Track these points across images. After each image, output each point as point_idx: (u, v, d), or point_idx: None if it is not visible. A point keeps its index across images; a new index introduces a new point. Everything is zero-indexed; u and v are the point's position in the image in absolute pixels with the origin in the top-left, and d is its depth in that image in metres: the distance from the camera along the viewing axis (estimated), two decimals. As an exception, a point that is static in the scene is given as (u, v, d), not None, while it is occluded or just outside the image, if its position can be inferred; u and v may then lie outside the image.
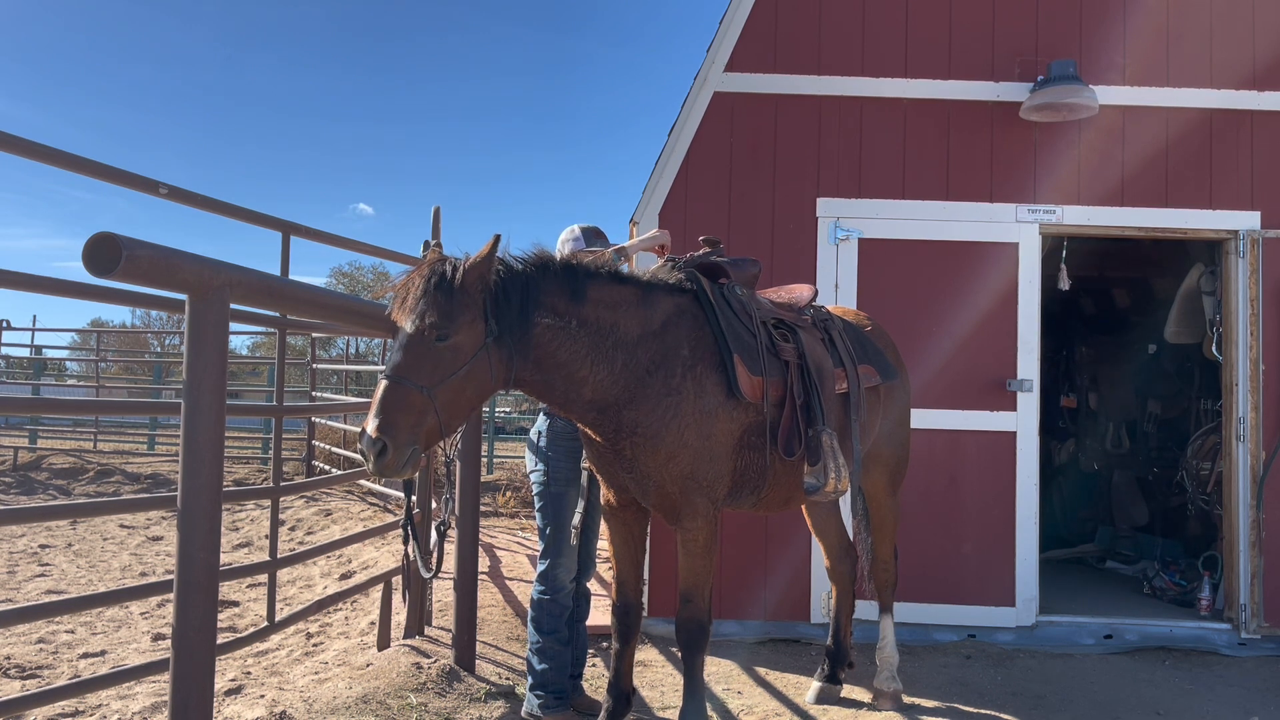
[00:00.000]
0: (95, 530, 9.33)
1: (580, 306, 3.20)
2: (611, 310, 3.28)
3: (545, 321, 3.11)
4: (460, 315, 2.91)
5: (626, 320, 3.29)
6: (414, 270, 3.01)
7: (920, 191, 5.74)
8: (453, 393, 2.91)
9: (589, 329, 3.20)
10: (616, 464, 3.38)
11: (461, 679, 4.31)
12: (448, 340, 2.89)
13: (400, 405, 2.81)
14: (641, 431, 3.25)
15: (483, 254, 2.97)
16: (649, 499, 3.42)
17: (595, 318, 3.22)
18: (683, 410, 3.27)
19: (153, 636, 5.83)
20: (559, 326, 3.14)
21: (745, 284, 3.74)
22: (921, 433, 5.40)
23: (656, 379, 3.27)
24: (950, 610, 5.57)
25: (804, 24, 5.79)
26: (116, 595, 3.67)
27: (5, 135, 3.08)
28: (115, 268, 2.18)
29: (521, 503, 10.84)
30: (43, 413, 13.58)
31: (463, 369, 2.91)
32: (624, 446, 3.30)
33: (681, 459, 3.28)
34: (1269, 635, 5.55)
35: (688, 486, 3.31)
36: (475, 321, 2.95)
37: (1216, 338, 5.85)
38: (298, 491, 9.36)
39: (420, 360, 2.86)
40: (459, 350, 2.91)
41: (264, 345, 23.49)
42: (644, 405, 3.24)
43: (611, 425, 3.28)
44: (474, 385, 2.99)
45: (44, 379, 17.56)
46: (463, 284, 2.93)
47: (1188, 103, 5.74)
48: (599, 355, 3.20)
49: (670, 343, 3.33)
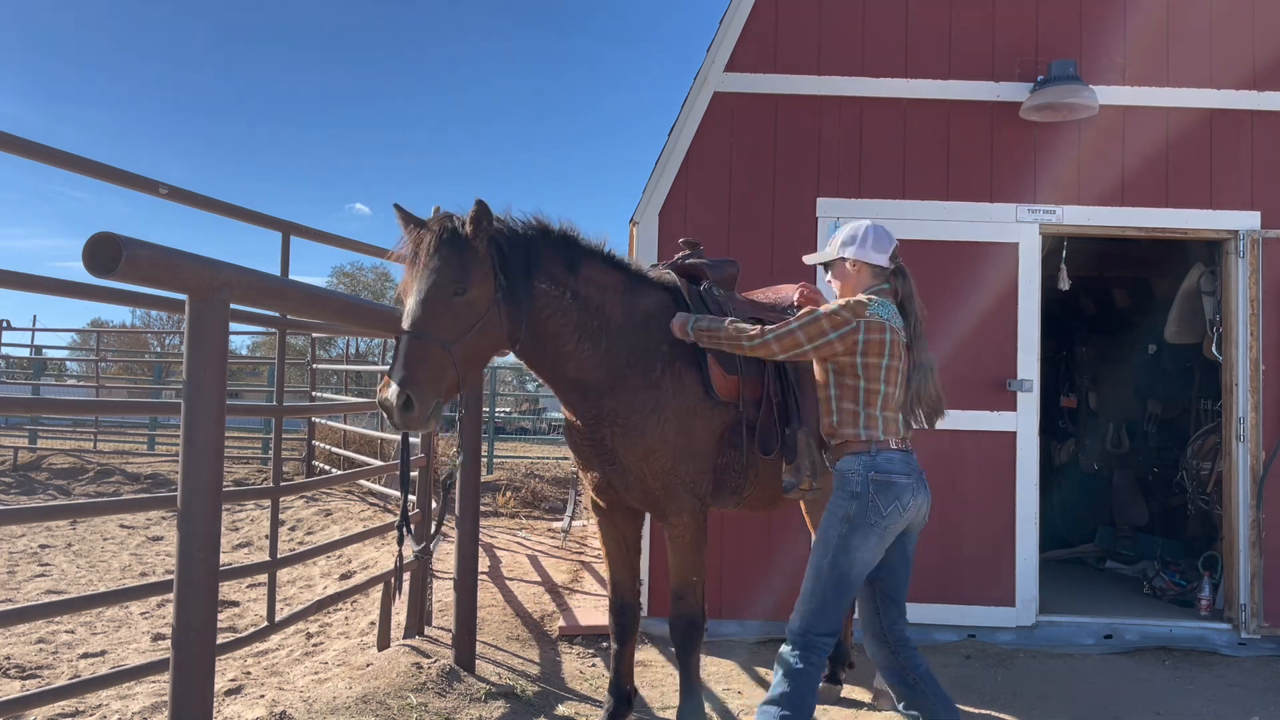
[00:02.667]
0: (95, 530, 9.33)
1: (574, 279, 3.26)
2: (601, 291, 3.33)
3: (542, 287, 3.18)
4: (474, 269, 2.98)
5: (613, 305, 3.35)
6: (421, 229, 3.05)
7: (920, 191, 5.73)
8: (470, 347, 2.99)
9: (579, 303, 3.26)
10: (597, 457, 3.41)
11: (461, 679, 4.31)
12: (465, 294, 2.96)
13: (423, 359, 2.86)
14: (622, 422, 3.29)
15: (480, 209, 3.00)
16: (633, 494, 3.44)
17: (586, 294, 3.28)
18: (663, 405, 3.32)
19: (153, 636, 5.83)
20: (554, 294, 3.21)
21: (723, 284, 3.78)
22: (921, 433, 5.39)
23: (637, 371, 3.32)
24: (950, 610, 5.57)
25: (804, 24, 5.79)
26: (116, 595, 3.67)
27: (5, 135, 3.08)
28: (115, 268, 2.18)
29: (521, 503, 10.84)
30: (43, 413, 13.58)
31: (478, 323, 2.98)
32: (604, 435, 3.33)
33: (662, 455, 3.31)
34: (1269, 635, 5.55)
35: (670, 483, 3.34)
36: (488, 276, 3.02)
37: (1216, 338, 5.85)
38: (298, 491, 9.36)
39: (439, 314, 2.92)
40: (474, 304, 2.98)
41: (264, 345, 23.52)
42: (624, 395, 3.29)
43: (593, 411, 3.33)
44: (488, 340, 3.07)
45: (44, 379, 17.57)
46: (473, 239, 2.99)
47: (1188, 103, 5.74)
48: (585, 332, 3.26)
49: (652, 337, 3.39)
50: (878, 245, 3.29)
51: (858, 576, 3.10)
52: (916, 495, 3.13)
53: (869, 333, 3.11)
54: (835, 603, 3.09)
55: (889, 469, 3.08)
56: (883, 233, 3.33)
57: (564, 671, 4.81)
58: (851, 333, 3.11)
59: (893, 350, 3.14)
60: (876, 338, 3.12)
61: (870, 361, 3.13)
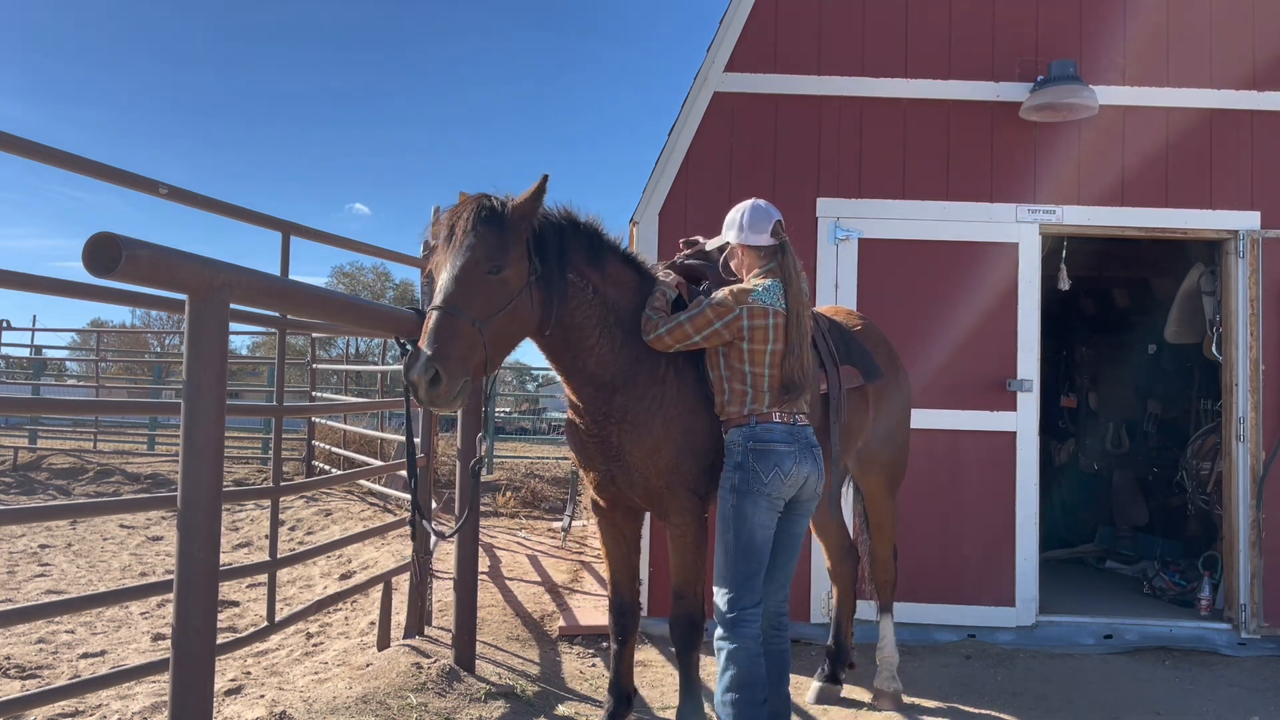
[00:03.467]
0: (95, 530, 9.32)
1: (597, 274, 3.30)
2: (618, 287, 3.37)
3: (571, 277, 3.20)
4: (511, 249, 2.97)
5: (628, 302, 3.39)
6: (458, 206, 3.06)
7: (920, 191, 5.73)
8: (500, 327, 2.97)
9: (600, 298, 3.29)
10: (601, 454, 3.42)
11: (461, 679, 4.31)
12: (500, 273, 2.94)
13: (453, 335, 2.84)
14: (630, 419, 3.31)
15: (531, 192, 3.03)
16: (636, 492, 3.44)
17: (605, 289, 3.32)
18: (667, 401, 3.34)
19: (153, 636, 5.83)
20: (580, 285, 3.24)
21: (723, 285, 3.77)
22: (922, 433, 5.40)
23: (645, 367, 3.35)
24: (950, 610, 5.57)
25: (804, 24, 5.79)
26: (116, 595, 3.68)
27: (5, 135, 3.08)
28: (115, 268, 2.18)
29: (521, 503, 10.84)
30: (43, 413, 13.58)
31: (510, 304, 2.97)
32: (611, 432, 3.35)
33: (666, 451, 3.32)
34: (1269, 635, 5.55)
35: (673, 481, 3.35)
36: (522, 258, 3.02)
37: (1216, 338, 5.85)
38: (298, 491, 9.36)
39: (472, 292, 2.90)
40: (508, 284, 2.97)
41: (264, 345, 23.50)
42: (634, 392, 3.32)
43: (603, 408, 3.34)
44: (518, 323, 3.06)
45: (44, 379, 17.56)
46: (511, 220, 2.98)
47: (1188, 103, 5.74)
48: (604, 327, 3.29)
49: None
50: (754, 225, 3.34)
51: (761, 544, 3.19)
52: (801, 464, 3.20)
53: (752, 319, 3.20)
54: (748, 573, 3.18)
55: (767, 438, 3.17)
56: (760, 211, 3.36)
57: (564, 671, 4.81)
58: (735, 320, 3.20)
59: (776, 334, 3.22)
60: (760, 323, 3.20)
61: (755, 348, 3.21)
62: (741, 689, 3.10)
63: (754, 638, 3.17)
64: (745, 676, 3.11)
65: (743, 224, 3.36)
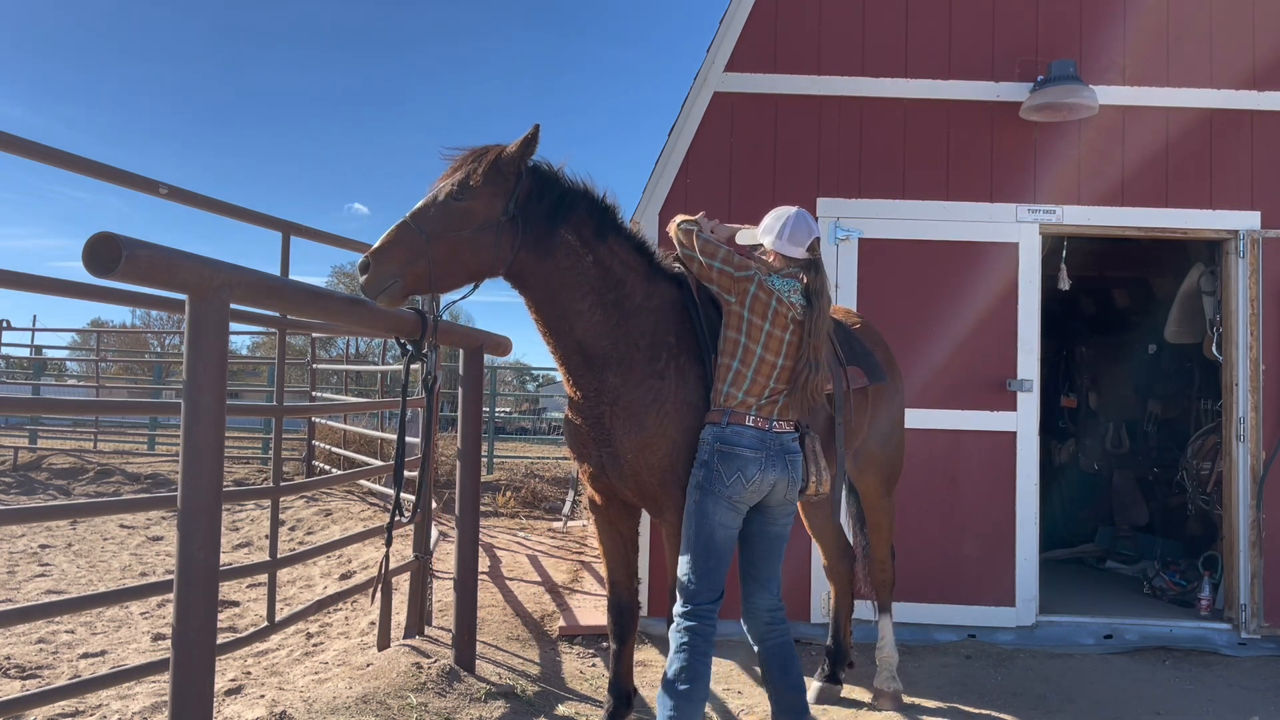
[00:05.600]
0: (95, 530, 9.32)
1: (601, 246, 3.38)
2: (624, 268, 3.44)
3: (569, 238, 3.31)
4: (484, 185, 3.21)
5: (631, 285, 3.43)
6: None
7: (920, 191, 5.73)
8: (450, 247, 3.19)
9: (600, 270, 3.37)
10: (593, 438, 3.42)
11: (461, 679, 4.31)
12: (461, 202, 3.19)
13: (399, 239, 3.14)
14: (623, 404, 3.33)
15: (518, 143, 3.27)
16: (627, 485, 3.44)
17: (609, 265, 3.39)
18: (665, 396, 3.34)
19: (153, 636, 5.82)
20: (578, 250, 3.34)
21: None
22: (921, 433, 5.40)
23: (643, 355, 3.37)
24: (950, 610, 5.57)
25: (804, 24, 5.79)
26: (116, 595, 3.67)
27: (5, 135, 3.08)
28: (115, 267, 2.19)
29: (521, 503, 10.84)
30: (43, 413, 13.58)
31: (466, 231, 3.19)
32: (603, 413, 3.37)
33: (660, 448, 3.31)
34: (1269, 635, 5.55)
35: (667, 480, 3.34)
36: (495, 197, 3.23)
37: (1216, 338, 5.85)
38: (298, 491, 9.36)
39: (432, 213, 3.19)
40: (469, 214, 3.20)
41: (264, 345, 23.52)
42: (630, 377, 3.34)
43: (595, 385, 3.37)
44: (473, 253, 3.24)
45: (44, 379, 17.56)
46: (495, 162, 3.22)
47: (1188, 103, 5.74)
48: (598, 298, 3.36)
49: (661, 327, 3.43)
50: (794, 239, 3.37)
51: (722, 541, 3.21)
52: (767, 471, 3.19)
53: (760, 289, 3.23)
54: (707, 568, 3.19)
55: (735, 441, 3.19)
56: (803, 226, 3.38)
57: (564, 671, 4.81)
58: (744, 279, 3.24)
59: (775, 319, 3.23)
60: (764, 299, 3.23)
61: (754, 320, 3.23)
62: (681, 680, 3.11)
63: (705, 634, 3.17)
64: (694, 671, 3.12)
65: (781, 233, 3.38)
